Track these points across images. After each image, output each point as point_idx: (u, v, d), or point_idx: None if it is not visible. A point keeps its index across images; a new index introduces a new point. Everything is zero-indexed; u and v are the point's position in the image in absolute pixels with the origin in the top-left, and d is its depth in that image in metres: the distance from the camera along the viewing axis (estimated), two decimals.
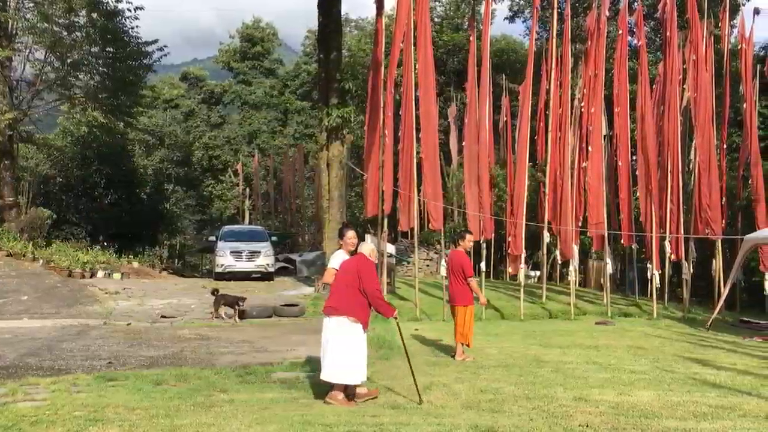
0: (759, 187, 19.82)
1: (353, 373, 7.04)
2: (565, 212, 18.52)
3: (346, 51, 38.00)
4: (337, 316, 7.09)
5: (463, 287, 10.11)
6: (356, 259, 7.42)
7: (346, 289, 7.16)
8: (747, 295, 21.63)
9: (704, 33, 19.99)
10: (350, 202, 36.20)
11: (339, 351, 7.02)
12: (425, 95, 16.96)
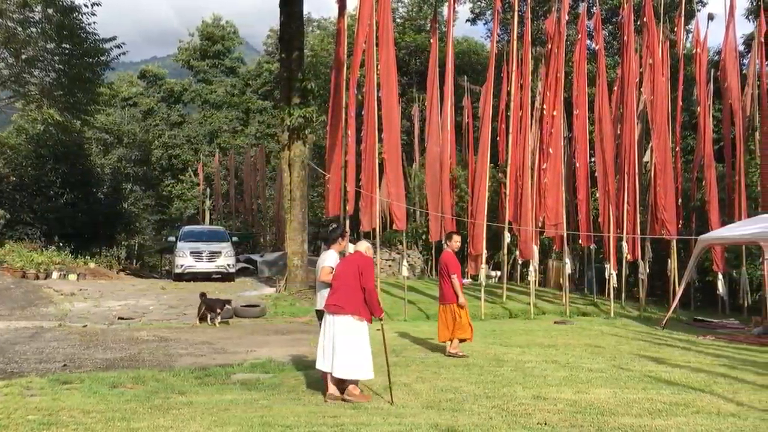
0: (712, 189, 20.33)
1: (365, 370, 7.26)
2: (525, 213, 18.73)
3: (308, 51, 37.85)
4: (343, 315, 7.24)
5: (446, 285, 10.38)
6: (356, 256, 7.62)
7: (349, 287, 7.32)
8: (701, 295, 22.15)
9: (660, 38, 20.41)
10: (312, 202, 36.06)
11: (349, 349, 7.17)
12: (387, 96, 16.99)
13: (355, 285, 7.30)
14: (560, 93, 19.24)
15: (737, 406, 7.09)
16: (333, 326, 7.27)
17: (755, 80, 21.61)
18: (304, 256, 17.94)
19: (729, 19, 20.99)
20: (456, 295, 10.31)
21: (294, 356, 9.84)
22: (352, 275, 7.34)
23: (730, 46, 21.25)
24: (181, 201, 47.93)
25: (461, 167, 27.57)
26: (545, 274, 25.30)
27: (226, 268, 21.52)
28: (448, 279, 10.37)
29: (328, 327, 7.33)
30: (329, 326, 7.32)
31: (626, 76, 19.31)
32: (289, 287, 17.52)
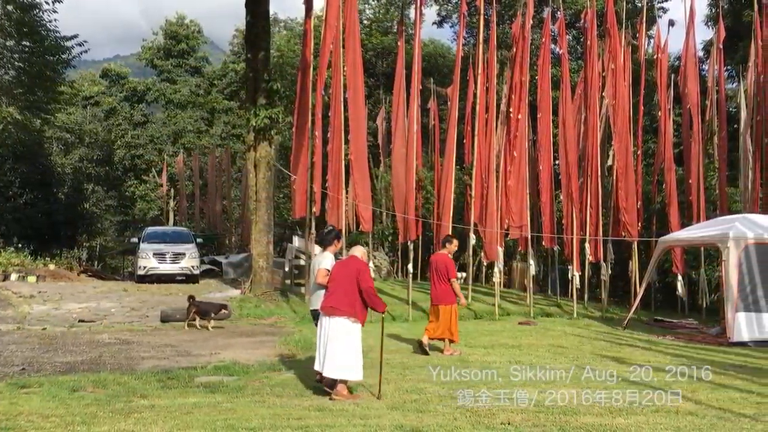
0: (672, 192, 20.73)
1: (355, 371, 7.48)
2: (490, 215, 18.88)
3: (274, 51, 37.62)
4: (338, 317, 7.43)
5: (447, 287, 10.79)
6: (352, 260, 7.87)
7: (345, 289, 7.51)
8: (661, 295, 22.55)
9: (623, 43, 20.79)
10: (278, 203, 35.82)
11: (342, 350, 7.37)
12: (354, 97, 17.00)
13: (351, 287, 7.49)
14: (525, 96, 19.45)
15: (695, 405, 7.25)
16: (328, 327, 7.46)
17: (714, 85, 22.12)
18: (269, 258, 17.84)
19: (689, 26, 21.45)
20: (457, 296, 10.81)
21: (259, 358, 9.78)
22: (349, 278, 7.53)
23: (690, 52, 21.71)
24: (145, 202, 47.26)
25: (427, 169, 27.71)
26: (510, 275, 25.53)
27: (190, 270, 21.29)
28: (447, 281, 10.75)
29: (324, 328, 7.52)
30: (324, 328, 7.51)
31: (589, 80, 19.63)
32: (254, 289, 17.40)
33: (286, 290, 18.72)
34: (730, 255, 13.50)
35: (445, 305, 10.80)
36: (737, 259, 13.47)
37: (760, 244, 13.63)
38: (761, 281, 13.41)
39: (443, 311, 10.80)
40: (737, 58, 24.29)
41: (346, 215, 18.49)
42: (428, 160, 28.62)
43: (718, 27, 21.78)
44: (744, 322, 13.11)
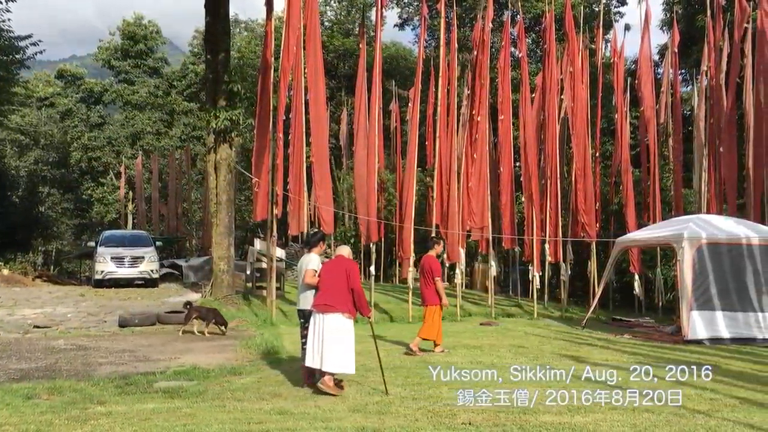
0: (629, 193, 21.15)
1: (349, 364, 7.73)
2: (452, 216, 19.00)
3: (235, 52, 37.32)
4: (332, 313, 7.67)
5: (430, 288, 11.02)
6: (341, 260, 8.10)
7: (337, 287, 7.77)
8: (619, 295, 22.96)
9: (580, 47, 21.14)
10: (240, 206, 35.52)
11: (338, 346, 7.63)
12: (315, 99, 16.96)
13: (342, 285, 7.77)
14: (485, 99, 19.64)
15: (651, 402, 7.39)
16: (323, 324, 7.67)
17: (669, 89, 22.63)
18: (230, 261, 17.65)
19: (644, 30, 21.92)
20: (439, 297, 10.93)
21: (219, 362, 9.67)
22: (339, 277, 7.81)
23: (645, 55, 22.18)
24: (102, 205, 46.36)
25: (389, 171, 27.77)
26: (471, 276, 25.73)
27: (149, 274, 20.94)
28: (432, 281, 10.93)
29: (317, 325, 7.71)
30: (318, 324, 7.71)
31: (548, 83, 19.91)
32: (215, 292, 17.19)
33: (247, 293, 18.57)
34: (685, 255, 13.82)
35: (430, 305, 11.04)
36: (692, 259, 13.79)
37: (714, 244, 13.98)
38: (714, 280, 13.75)
39: (428, 311, 11.07)
40: (691, 61, 24.88)
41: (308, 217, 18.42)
42: (390, 162, 28.68)
43: (673, 31, 22.31)
44: (698, 320, 13.43)
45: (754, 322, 13.57)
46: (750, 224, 15.39)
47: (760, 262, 14.05)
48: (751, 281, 13.91)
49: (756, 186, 18.28)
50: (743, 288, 13.85)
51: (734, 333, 13.38)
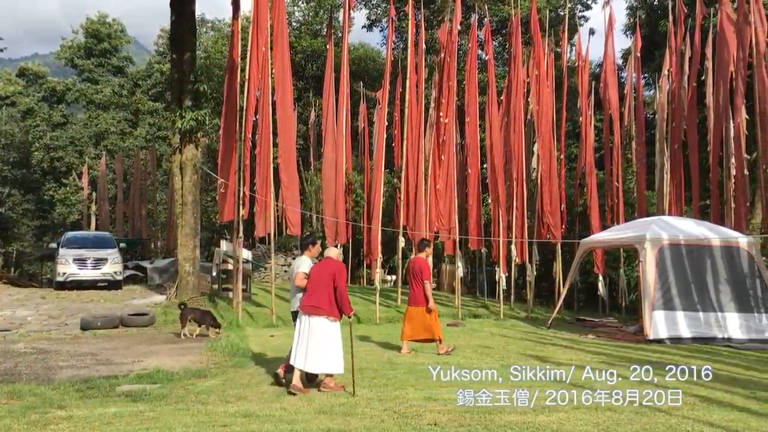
0: (593, 195, 21.44)
1: (336, 365, 7.95)
2: (419, 217, 19.07)
3: (201, 52, 36.97)
4: (318, 316, 7.86)
5: (419, 289, 11.15)
6: (329, 261, 8.26)
7: (325, 290, 7.95)
8: (584, 295, 23.25)
9: (546, 50, 21.37)
10: (206, 207, 35.21)
11: (324, 347, 7.84)
12: (282, 100, 16.87)
13: (329, 287, 7.95)
14: (452, 101, 19.74)
15: (614, 401, 7.49)
16: (309, 326, 7.87)
17: (632, 92, 23.00)
18: (196, 263, 17.47)
19: (608, 35, 22.25)
20: (426, 300, 11.03)
21: (183, 365, 9.56)
22: (327, 279, 7.97)
23: (609, 60, 22.52)
24: (64, 206, 45.51)
25: (357, 172, 27.76)
26: (438, 277, 25.84)
27: (112, 276, 20.63)
28: (421, 283, 11.07)
29: (304, 326, 7.90)
30: (304, 326, 7.90)
31: (514, 86, 20.09)
32: (180, 294, 17.01)
33: (213, 295, 18.40)
34: (647, 256, 14.07)
35: (416, 306, 11.19)
36: (654, 260, 14.04)
37: (675, 245, 14.26)
38: (675, 281, 14.03)
39: (415, 312, 11.20)
40: (654, 66, 25.30)
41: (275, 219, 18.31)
42: (358, 164, 28.68)
43: (636, 36, 22.69)
44: (660, 320, 13.68)
45: (714, 322, 13.86)
46: (710, 225, 15.73)
47: (720, 262, 14.38)
48: (711, 281, 14.23)
49: (715, 188, 18.68)
50: (703, 288, 14.16)
51: (695, 332, 13.65)
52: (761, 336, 13.74)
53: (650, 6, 27.03)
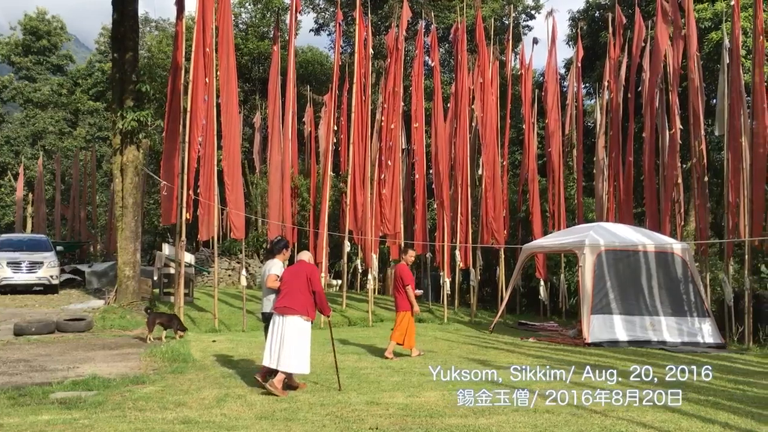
0: (536, 201, 21.86)
1: (304, 365, 8.16)
2: (365, 222, 19.11)
3: (145, 52, 36.27)
4: (292, 316, 8.08)
5: (401, 294, 11.51)
6: (302, 264, 8.53)
7: (298, 291, 8.17)
8: (526, 300, 23.63)
9: (490, 58, 21.71)
10: (148, 209, 34.52)
11: (295, 347, 8.04)
12: (227, 102, 16.68)
13: (303, 289, 8.18)
14: (399, 106, 19.88)
15: (552, 403, 7.66)
16: (282, 326, 8.09)
17: (573, 101, 23.55)
18: (136, 267, 17.10)
19: (550, 45, 22.76)
20: (411, 305, 11.37)
21: (121, 371, 9.35)
22: (301, 280, 8.21)
23: (552, 69, 23.01)
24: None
25: (303, 176, 27.64)
26: (384, 282, 25.92)
27: (48, 280, 20.00)
28: (403, 290, 11.41)
29: (277, 327, 8.12)
30: (278, 326, 8.12)
31: (459, 92, 20.34)
32: (119, 299, 16.62)
33: (154, 300, 18.04)
34: (586, 261, 14.43)
35: (401, 311, 11.52)
36: (592, 265, 14.41)
37: (612, 251, 14.67)
38: (613, 285, 14.42)
39: (399, 317, 11.60)
40: (595, 76, 25.95)
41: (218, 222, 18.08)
42: (304, 167, 28.56)
43: (577, 47, 23.25)
44: (598, 324, 14.02)
45: (649, 326, 14.28)
46: (646, 232, 16.22)
47: (655, 268, 14.84)
48: (646, 286, 14.67)
49: (651, 196, 19.26)
50: (639, 293, 14.58)
51: (631, 336, 14.03)
52: (693, 339, 14.23)
53: (592, 18, 27.74)
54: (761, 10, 15.94)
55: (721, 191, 17.31)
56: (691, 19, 18.05)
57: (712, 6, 21.77)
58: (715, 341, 14.29)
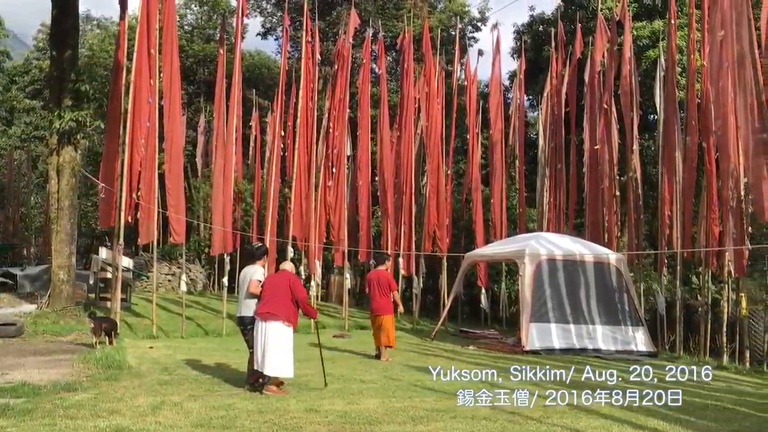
0: (478, 210, 22.15)
1: (289, 368, 8.51)
2: (310, 228, 19.04)
3: (86, 50, 35.37)
4: (275, 321, 8.41)
5: (388, 300, 12.35)
6: (284, 273, 8.91)
7: (280, 298, 8.49)
8: (468, 308, 23.87)
9: (436, 68, 21.95)
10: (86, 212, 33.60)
11: (278, 351, 8.37)
12: (170, 104, 16.41)
13: (285, 296, 8.50)
14: (345, 113, 19.91)
15: (490, 410, 7.75)
16: (265, 331, 8.39)
17: (516, 113, 23.99)
18: (71, 270, 16.61)
19: (495, 57, 23.15)
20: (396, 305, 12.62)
21: (53, 378, 9.07)
22: (283, 288, 8.55)
23: (496, 80, 23.40)
24: None
25: (247, 181, 27.35)
26: (327, 288, 25.83)
27: None
28: (388, 294, 12.33)
29: (261, 332, 8.43)
30: (261, 331, 8.42)
31: (405, 101, 20.51)
32: (53, 304, 16.11)
33: (90, 305, 17.54)
34: (526, 270, 14.70)
35: (387, 315, 12.26)
36: (532, 274, 14.68)
37: (551, 260, 14.99)
38: (551, 294, 14.72)
39: (386, 320, 12.24)
40: (537, 88, 26.49)
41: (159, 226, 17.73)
42: (248, 172, 28.26)
43: (521, 59, 23.71)
44: (536, 332, 14.28)
45: (585, 334, 14.62)
46: (584, 242, 16.63)
47: (592, 277, 15.23)
48: (584, 295, 15.02)
49: (591, 207, 19.76)
50: (576, 302, 14.92)
51: (566, 344, 14.33)
52: (627, 347, 14.63)
53: (535, 32, 28.31)
54: (694, 30, 16.62)
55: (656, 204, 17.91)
56: (627, 37, 18.66)
57: (650, 24, 22.51)
58: (647, 349, 14.73)
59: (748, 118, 12.42)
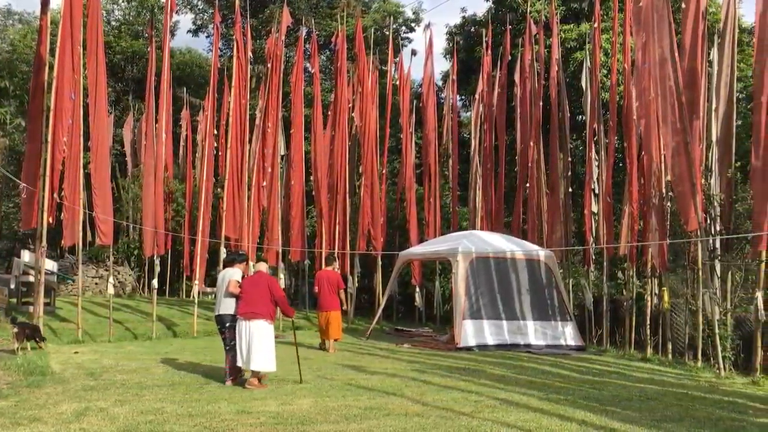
0: (412, 209, 22.31)
1: (272, 362, 9.16)
2: (242, 229, 18.79)
3: (6, 46, 33.93)
4: (257, 320, 9.06)
5: (335, 297, 13.78)
6: (262, 275, 9.58)
7: (260, 298, 9.13)
8: (403, 306, 24.01)
9: (370, 68, 22.00)
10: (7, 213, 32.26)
11: (262, 346, 9.01)
12: (96, 102, 15.89)
13: (264, 296, 9.15)
14: (278, 112, 19.72)
15: (423, 407, 7.85)
16: (249, 329, 9.02)
17: (449, 113, 24.28)
18: None
19: (427, 57, 23.37)
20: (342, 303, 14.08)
21: None
22: (262, 289, 9.19)
23: (429, 80, 23.62)
24: None
25: (179, 181, 26.80)
26: None
27: None
28: (336, 292, 13.77)
29: (244, 331, 9.04)
30: (245, 330, 9.04)
31: (339, 100, 20.48)
32: None
33: (11, 310, 16.85)
34: (459, 268, 14.90)
35: (335, 311, 13.66)
36: (465, 272, 14.89)
37: (484, 258, 15.24)
38: (483, 291, 14.97)
39: (334, 316, 13.66)
40: (470, 89, 26.86)
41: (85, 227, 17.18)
42: (180, 172, 27.69)
43: (453, 60, 24.01)
44: (469, 328, 14.50)
45: (516, 330, 14.93)
46: (515, 240, 16.96)
47: (523, 274, 15.56)
48: (515, 292, 15.34)
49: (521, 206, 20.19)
50: (508, 298, 15.21)
51: (499, 340, 14.61)
52: (557, 342, 15.02)
53: (467, 33, 28.69)
54: (616, 34, 17.23)
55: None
56: (555, 39, 19.16)
57: (577, 27, 23.13)
58: (576, 344, 15.15)
59: (669, 118, 12.91)
